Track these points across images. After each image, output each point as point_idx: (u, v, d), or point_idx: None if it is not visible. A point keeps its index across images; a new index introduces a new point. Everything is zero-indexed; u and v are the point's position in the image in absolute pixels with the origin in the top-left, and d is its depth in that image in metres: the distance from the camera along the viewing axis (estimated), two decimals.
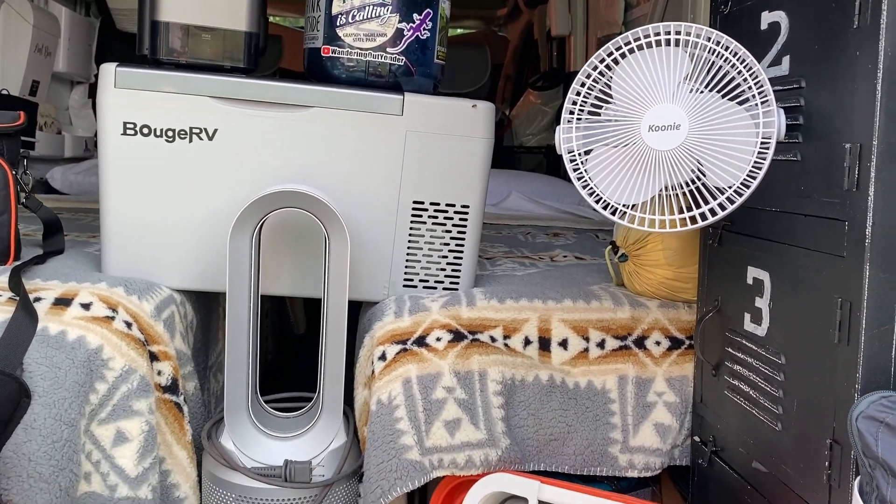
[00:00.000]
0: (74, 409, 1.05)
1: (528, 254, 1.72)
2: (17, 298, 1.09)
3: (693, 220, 0.86)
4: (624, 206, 0.89)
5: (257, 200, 1.13)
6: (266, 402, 1.25)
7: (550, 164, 3.44)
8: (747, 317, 0.99)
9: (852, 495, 0.73)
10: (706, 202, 0.88)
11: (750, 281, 0.98)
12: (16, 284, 1.13)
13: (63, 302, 1.13)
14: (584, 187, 0.89)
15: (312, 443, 1.19)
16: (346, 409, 1.25)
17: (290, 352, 2.40)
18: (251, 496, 1.14)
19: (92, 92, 3.00)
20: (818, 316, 0.83)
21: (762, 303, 0.95)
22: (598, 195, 0.89)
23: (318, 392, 1.22)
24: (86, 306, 1.13)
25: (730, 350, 1.04)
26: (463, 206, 1.31)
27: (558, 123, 0.92)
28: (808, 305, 0.85)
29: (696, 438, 1.16)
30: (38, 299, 1.12)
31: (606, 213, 0.89)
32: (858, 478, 0.74)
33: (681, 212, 0.89)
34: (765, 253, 0.95)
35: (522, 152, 3.49)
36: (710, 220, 0.85)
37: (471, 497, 1.07)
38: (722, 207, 0.86)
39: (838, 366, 0.79)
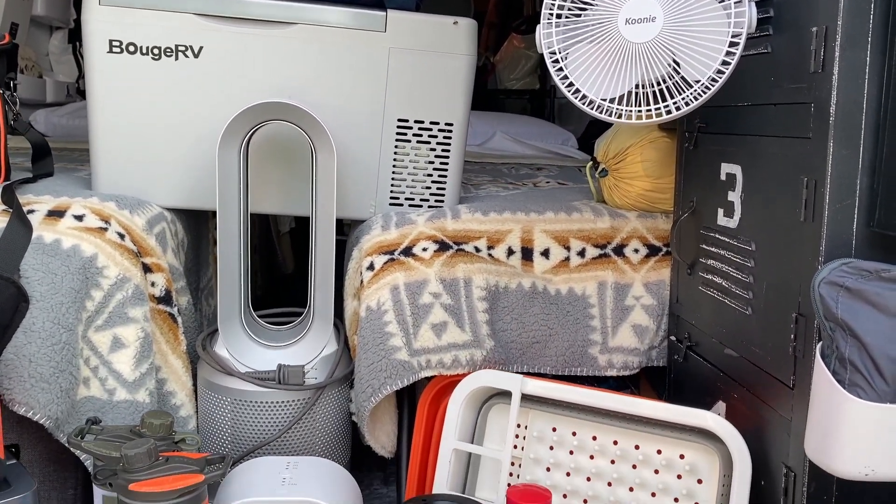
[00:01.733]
0: (72, 314, 1.08)
1: (512, 181, 1.75)
2: (11, 210, 1.11)
3: (669, 111, 0.89)
4: (602, 100, 0.92)
5: (244, 112, 1.15)
6: (258, 317, 1.29)
7: (535, 107, 3.45)
8: (720, 212, 1.03)
9: (815, 359, 0.78)
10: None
11: (723, 177, 1.02)
12: (8, 198, 1.15)
13: (56, 214, 1.15)
14: (564, 82, 0.92)
15: (304, 350, 1.24)
16: (337, 321, 1.30)
17: (279, 290, 2.44)
18: (246, 399, 1.18)
19: (72, 37, 2.97)
20: (786, 198, 0.87)
21: (734, 196, 0.99)
22: (577, 89, 0.91)
23: (309, 303, 1.26)
24: (79, 218, 1.15)
25: (704, 247, 1.08)
26: (447, 124, 1.34)
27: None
28: (777, 190, 0.89)
29: (673, 338, 1.21)
30: (30, 211, 1.14)
31: (585, 107, 0.92)
32: (820, 343, 0.79)
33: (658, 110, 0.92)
34: (737, 147, 0.98)
35: (506, 97, 3.50)
36: (685, 109, 0.89)
37: (457, 393, 1.11)
38: (696, 98, 0.89)
39: (804, 243, 0.84)
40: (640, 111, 0.89)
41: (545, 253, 1.26)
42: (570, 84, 0.91)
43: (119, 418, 1.12)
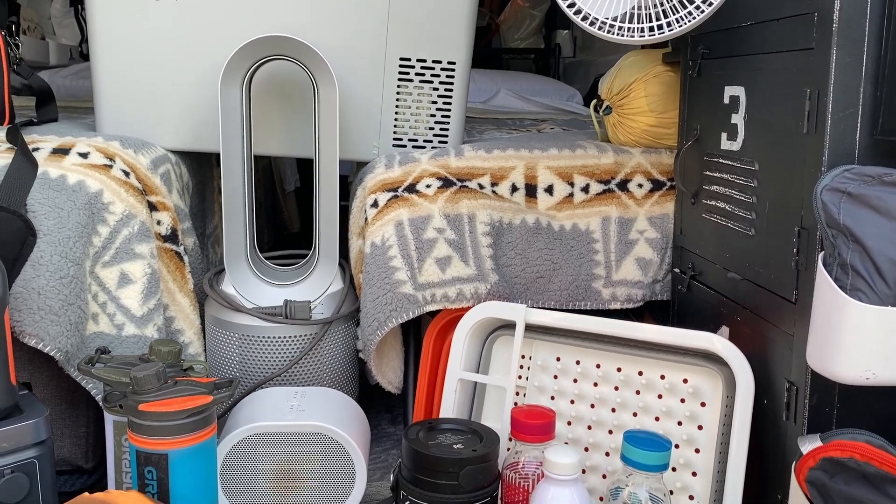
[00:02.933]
0: (79, 248, 1.09)
1: (516, 128, 1.75)
2: (16, 148, 1.12)
3: (672, 28, 0.89)
4: (604, 20, 0.91)
5: (245, 46, 1.15)
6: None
7: (539, 68, 3.43)
8: (723, 136, 1.02)
9: (817, 269, 0.78)
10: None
11: (726, 100, 1.01)
12: (13, 137, 1.15)
13: (61, 151, 1.15)
14: (565, 2, 0.91)
15: (310, 288, 1.24)
16: (342, 261, 1.30)
17: (286, 248, 2.45)
18: (254, 335, 1.19)
19: (73, 1, 2.96)
20: (788, 113, 0.86)
21: (738, 118, 0.98)
22: (578, 8, 0.91)
23: (314, 243, 1.26)
24: (83, 155, 1.16)
25: (707, 173, 1.08)
26: (449, 63, 1.33)
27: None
28: (780, 106, 0.89)
29: (676, 270, 1.21)
30: (35, 149, 1.15)
31: (587, 26, 0.92)
32: (822, 253, 0.79)
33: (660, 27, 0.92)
34: (740, 69, 0.98)
35: (511, 57, 3.48)
36: (687, 26, 0.88)
37: (462, 324, 1.12)
38: (698, 14, 0.88)
39: (806, 155, 0.83)
40: (641, 28, 0.89)
41: (549, 189, 1.26)
42: (572, 3, 0.90)
43: (128, 353, 1.13)
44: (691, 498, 0.98)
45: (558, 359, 1.11)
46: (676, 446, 1.00)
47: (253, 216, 1.25)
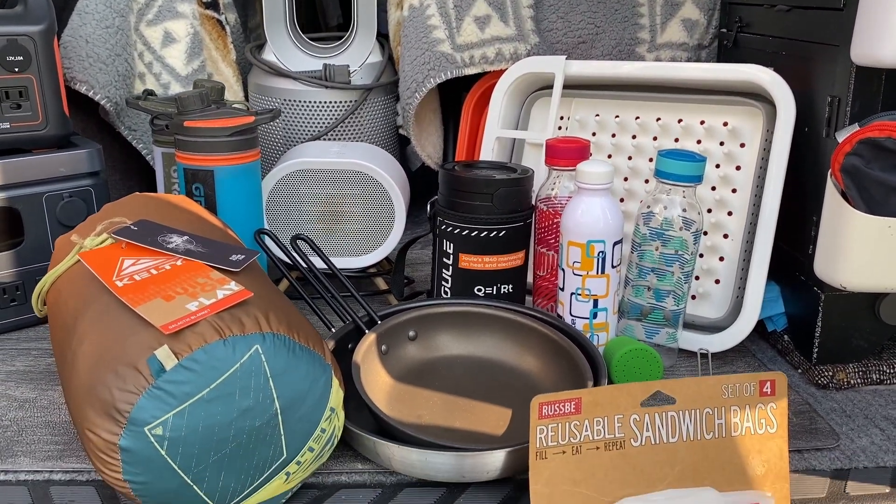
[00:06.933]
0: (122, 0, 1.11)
1: None
2: None
3: None
4: None
5: None
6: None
7: None
8: None
9: None
10: None
11: None
12: None
13: None
14: None
15: (350, 57, 1.25)
16: (381, 39, 1.30)
17: None
18: (295, 99, 1.21)
19: None
20: None
21: None
22: None
23: (353, 16, 1.26)
24: None
25: None
26: None
27: None
28: None
29: (724, 29, 1.17)
30: None
31: None
32: None
33: None
34: None
35: None
36: None
37: (501, 82, 1.11)
38: None
39: None
40: None
41: None
42: None
43: None
44: (726, 236, 0.99)
45: (597, 115, 1.10)
46: (713, 188, 1.00)
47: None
